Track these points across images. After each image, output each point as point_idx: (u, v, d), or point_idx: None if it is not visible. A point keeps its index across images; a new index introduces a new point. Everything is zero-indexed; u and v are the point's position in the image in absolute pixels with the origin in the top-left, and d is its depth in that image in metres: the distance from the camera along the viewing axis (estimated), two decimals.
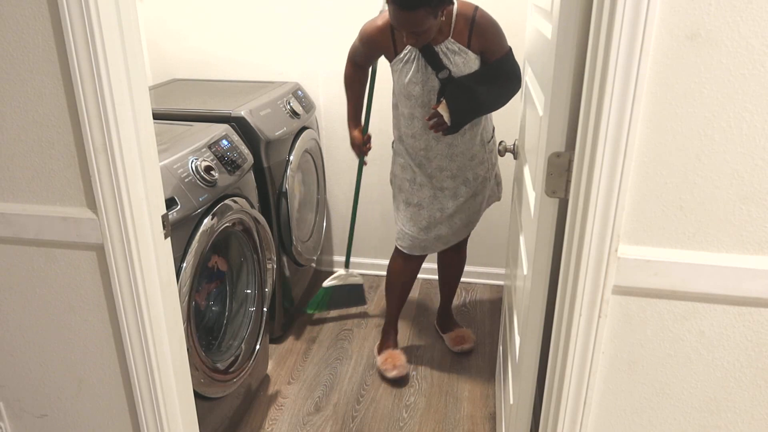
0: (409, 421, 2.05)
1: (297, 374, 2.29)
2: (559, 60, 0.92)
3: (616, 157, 0.86)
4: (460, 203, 2.07)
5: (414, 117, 1.97)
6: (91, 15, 0.96)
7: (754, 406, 0.98)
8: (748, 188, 0.86)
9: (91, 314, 1.23)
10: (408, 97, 1.94)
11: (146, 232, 1.14)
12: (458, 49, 1.85)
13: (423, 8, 1.65)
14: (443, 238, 2.12)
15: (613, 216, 0.89)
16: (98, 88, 1.01)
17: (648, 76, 0.83)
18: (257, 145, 2.11)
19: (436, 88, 1.89)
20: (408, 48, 1.88)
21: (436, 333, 2.54)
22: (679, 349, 0.97)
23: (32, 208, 1.15)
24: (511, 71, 1.91)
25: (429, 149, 2.00)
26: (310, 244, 2.61)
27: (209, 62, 2.76)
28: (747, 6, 0.78)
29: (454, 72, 1.86)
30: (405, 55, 1.90)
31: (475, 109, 1.91)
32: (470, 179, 2.05)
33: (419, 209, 2.07)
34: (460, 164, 2.02)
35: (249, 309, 2.02)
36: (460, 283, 2.90)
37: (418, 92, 1.91)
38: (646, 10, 0.78)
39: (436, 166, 2.02)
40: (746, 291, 0.90)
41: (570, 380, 1.01)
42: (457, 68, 1.86)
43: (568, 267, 0.96)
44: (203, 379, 1.67)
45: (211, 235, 1.67)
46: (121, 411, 1.32)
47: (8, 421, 1.40)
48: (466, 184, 2.05)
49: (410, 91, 1.92)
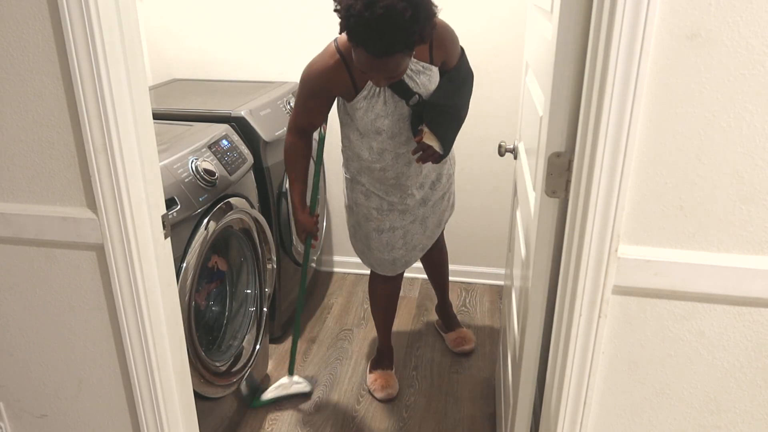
0: (409, 421, 2.05)
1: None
2: (559, 60, 0.92)
3: (616, 157, 0.86)
4: (429, 207, 1.99)
5: (384, 151, 1.78)
6: (91, 15, 0.96)
7: (754, 406, 0.98)
8: (748, 188, 0.86)
9: (91, 314, 1.23)
10: (378, 132, 1.74)
11: (146, 232, 1.14)
12: (422, 68, 1.69)
13: (400, 53, 1.46)
14: (420, 246, 2.05)
15: (613, 216, 0.89)
16: (98, 88, 1.01)
17: (648, 76, 0.83)
18: (257, 145, 2.11)
19: (405, 115, 1.73)
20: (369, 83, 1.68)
21: (436, 333, 2.54)
22: (679, 349, 0.97)
23: (32, 208, 1.15)
24: (467, 70, 1.81)
25: (401, 175, 1.85)
26: None
27: (209, 62, 2.76)
28: (747, 6, 0.78)
29: (423, 93, 1.70)
30: (369, 91, 1.69)
31: (456, 124, 1.78)
32: (436, 181, 1.97)
33: (393, 231, 1.95)
34: (428, 173, 1.92)
35: (249, 309, 2.02)
36: (460, 283, 2.92)
37: (387, 125, 1.73)
38: (646, 10, 0.78)
39: (407, 184, 1.89)
40: (746, 291, 0.90)
41: (570, 380, 1.01)
42: (424, 88, 1.70)
43: (568, 267, 0.96)
44: (203, 379, 1.67)
45: (211, 235, 1.67)
46: (121, 411, 1.32)
47: (8, 421, 1.40)
48: (433, 187, 1.97)
49: (379, 127, 1.73)
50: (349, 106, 1.74)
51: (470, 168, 2.72)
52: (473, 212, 2.81)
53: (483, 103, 2.59)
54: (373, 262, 2.04)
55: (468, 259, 2.91)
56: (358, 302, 2.78)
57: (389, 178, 1.85)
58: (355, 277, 2.99)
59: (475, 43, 2.50)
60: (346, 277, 3.01)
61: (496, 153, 2.62)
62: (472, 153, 2.68)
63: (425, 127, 1.71)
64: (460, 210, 2.81)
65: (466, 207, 2.80)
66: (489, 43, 2.50)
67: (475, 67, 2.53)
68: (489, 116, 2.61)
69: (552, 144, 0.97)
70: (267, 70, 2.72)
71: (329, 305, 2.77)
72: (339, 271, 3.06)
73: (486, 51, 2.51)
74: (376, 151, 1.79)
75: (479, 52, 2.52)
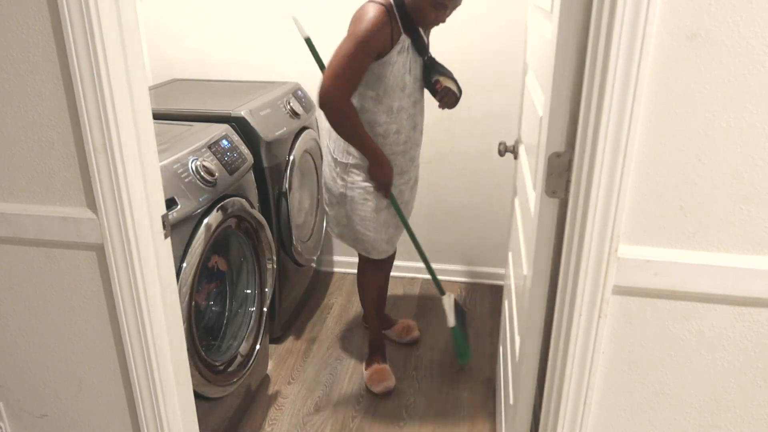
0: (409, 421, 2.05)
1: (297, 374, 2.29)
2: (559, 60, 0.92)
3: (616, 157, 0.86)
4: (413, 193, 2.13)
5: (402, 110, 1.87)
6: (91, 15, 0.96)
7: (754, 406, 0.98)
8: (748, 188, 0.86)
9: (91, 314, 1.23)
10: (402, 88, 1.83)
11: (146, 232, 1.14)
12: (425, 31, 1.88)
13: None
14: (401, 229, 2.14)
15: (613, 216, 0.89)
16: (98, 88, 1.01)
17: (648, 76, 0.83)
18: (257, 145, 2.11)
19: (419, 75, 1.88)
20: (402, 36, 1.77)
21: (435, 333, 2.54)
22: (679, 349, 0.97)
23: (32, 208, 1.15)
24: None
25: (408, 140, 1.94)
26: (310, 244, 2.61)
27: (209, 62, 2.76)
28: (747, 6, 0.78)
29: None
30: (401, 44, 1.78)
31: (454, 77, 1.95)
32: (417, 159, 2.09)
33: (389, 209, 2.01)
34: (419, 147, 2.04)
35: (249, 309, 2.02)
36: (460, 283, 2.92)
37: (410, 81, 1.85)
38: (646, 10, 0.78)
39: (413, 154, 2.00)
40: (746, 291, 0.90)
41: (570, 380, 1.01)
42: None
43: (568, 267, 0.96)
44: (203, 378, 1.67)
45: (211, 236, 1.67)
46: (121, 411, 1.32)
47: (8, 421, 1.40)
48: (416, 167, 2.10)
49: (405, 82, 1.83)
50: (381, 63, 1.76)
51: (471, 167, 2.72)
52: (473, 212, 2.81)
53: (484, 103, 2.59)
54: (370, 247, 2.05)
55: (468, 259, 2.91)
56: (359, 302, 2.78)
57: (401, 143, 1.92)
58: (354, 278, 2.99)
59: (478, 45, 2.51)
60: (346, 277, 3.01)
61: (496, 153, 2.62)
62: (472, 152, 2.68)
63: (439, 77, 1.87)
64: (461, 210, 2.81)
65: (466, 207, 2.81)
66: (493, 45, 2.50)
67: (477, 68, 2.55)
68: (490, 116, 2.61)
69: (552, 144, 0.97)
70: (267, 70, 2.72)
71: (329, 305, 2.77)
72: (339, 271, 3.06)
73: (488, 52, 2.52)
74: (395, 110, 1.85)
75: (481, 53, 2.52)
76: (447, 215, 2.85)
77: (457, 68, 2.13)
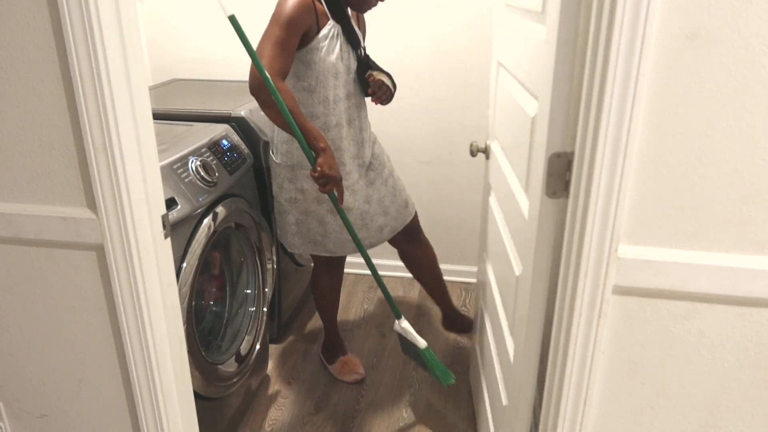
0: (409, 421, 2.05)
1: (297, 374, 2.29)
2: (559, 60, 0.92)
3: (616, 157, 0.86)
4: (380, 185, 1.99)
5: (339, 100, 1.81)
6: (91, 15, 0.96)
7: (754, 406, 0.98)
8: (748, 188, 0.86)
9: (91, 314, 1.23)
10: (336, 76, 1.77)
11: (146, 232, 1.14)
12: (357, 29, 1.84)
13: None
14: (389, 228, 2.05)
15: (613, 216, 0.89)
16: (98, 88, 1.01)
17: (648, 76, 0.83)
18: (257, 145, 2.11)
19: (353, 67, 1.82)
20: (330, 22, 1.72)
21: (435, 333, 2.54)
22: (679, 349, 0.97)
23: (32, 208, 1.15)
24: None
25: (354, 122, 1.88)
26: None
27: (209, 62, 2.76)
28: (747, 6, 0.78)
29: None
30: (329, 30, 1.73)
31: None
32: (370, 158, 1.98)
33: (348, 212, 1.91)
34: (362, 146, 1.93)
35: (249, 309, 2.02)
36: (460, 283, 2.91)
37: (342, 70, 1.78)
38: (646, 10, 0.78)
39: (362, 137, 1.92)
40: (746, 291, 0.90)
41: (570, 380, 1.01)
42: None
43: (568, 267, 0.96)
44: (203, 379, 1.67)
45: (211, 235, 1.67)
46: (121, 411, 1.32)
47: (8, 421, 1.40)
48: (371, 168, 1.98)
49: (338, 69, 1.77)
50: (309, 49, 1.72)
51: (468, 167, 2.72)
52: (473, 212, 2.81)
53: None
54: (332, 247, 1.98)
55: (468, 259, 2.91)
56: (358, 302, 2.78)
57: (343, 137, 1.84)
58: (355, 277, 2.99)
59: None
60: (346, 277, 3.01)
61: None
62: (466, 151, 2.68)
63: (372, 72, 1.87)
64: (459, 209, 2.81)
65: (465, 206, 2.80)
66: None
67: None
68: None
69: (552, 144, 0.97)
70: None
71: None
72: None
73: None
74: (331, 101, 1.79)
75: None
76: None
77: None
